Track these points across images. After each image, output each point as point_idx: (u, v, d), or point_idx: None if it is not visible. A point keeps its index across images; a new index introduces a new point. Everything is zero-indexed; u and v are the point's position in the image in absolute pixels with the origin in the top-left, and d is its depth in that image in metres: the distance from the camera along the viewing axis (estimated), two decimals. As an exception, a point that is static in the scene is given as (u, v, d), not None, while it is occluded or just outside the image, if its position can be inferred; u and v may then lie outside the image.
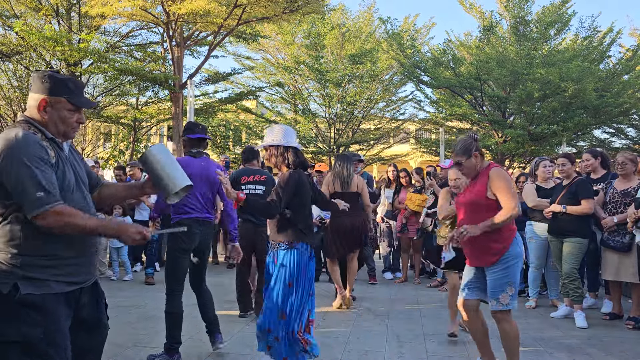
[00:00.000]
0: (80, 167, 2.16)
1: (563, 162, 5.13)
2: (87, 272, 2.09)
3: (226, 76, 16.36)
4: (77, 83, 2.10)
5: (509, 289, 3.20)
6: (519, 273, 3.29)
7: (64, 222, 1.89)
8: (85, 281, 2.08)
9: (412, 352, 3.93)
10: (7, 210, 1.91)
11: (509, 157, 15.97)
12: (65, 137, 2.08)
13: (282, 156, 3.25)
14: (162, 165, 2.24)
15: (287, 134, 3.29)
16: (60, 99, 2.02)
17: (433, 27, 30.66)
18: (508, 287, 3.19)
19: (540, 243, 5.54)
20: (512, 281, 3.21)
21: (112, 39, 15.14)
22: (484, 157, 3.41)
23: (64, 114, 2.04)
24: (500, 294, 3.20)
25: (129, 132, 17.30)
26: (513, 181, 7.21)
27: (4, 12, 13.37)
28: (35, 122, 2.01)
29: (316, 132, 18.18)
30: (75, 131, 2.10)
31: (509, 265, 3.20)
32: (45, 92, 2.02)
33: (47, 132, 2.01)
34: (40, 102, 2.01)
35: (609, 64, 16.40)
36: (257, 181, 4.88)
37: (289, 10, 12.23)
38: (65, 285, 1.97)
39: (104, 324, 2.25)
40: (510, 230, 3.25)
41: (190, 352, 3.81)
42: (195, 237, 3.74)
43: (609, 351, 4.03)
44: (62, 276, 1.95)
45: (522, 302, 5.81)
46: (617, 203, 5.00)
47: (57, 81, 2.02)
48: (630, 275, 4.80)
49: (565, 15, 16.11)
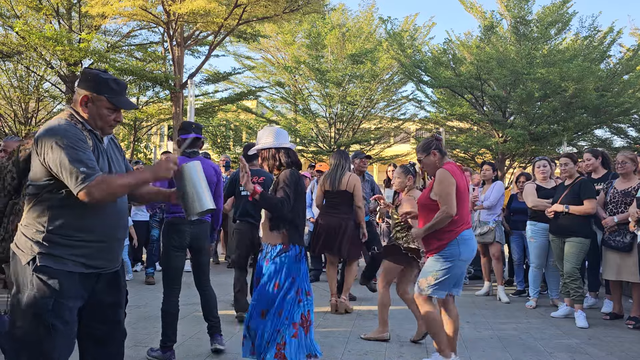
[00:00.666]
0: (118, 160, 2.27)
1: (565, 162, 5.12)
2: (107, 259, 2.15)
3: (226, 76, 16.38)
4: (120, 84, 2.21)
5: (429, 278, 3.33)
6: (451, 271, 3.31)
7: (107, 189, 2.00)
8: (103, 267, 2.15)
9: (412, 352, 3.92)
10: (41, 192, 2.06)
11: (509, 156, 15.96)
12: (103, 132, 2.19)
13: (273, 158, 3.23)
14: (194, 183, 2.30)
15: (278, 135, 3.28)
16: (101, 97, 2.14)
17: (433, 27, 30.64)
18: (429, 276, 3.34)
19: (540, 243, 5.53)
20: (436, 274, 3.32)
21: (112, 38, 15.16)
22: (444, 157, 3.50)
23: (103, 112, 2.15)
24: (421, 277, 3.38)
25: (129, 132, 17.31)
26: (513, 180, 7.20)
27: (5, 12, 13.37)
28: (78, 114, 2.15)
29: (316, 132, 18.18)
30: (112, 128, 2.23)
31: (440, 262, 3.32)
32: (88, 88, 2.14)
33: (86, 124, 2.14)
34: (82, 97, 2.15)
35: (610, 63, 16.38)
36: (254, 183, 4.81)
37: (290, 9, 12.23)
38: (82, 266, 2.06)
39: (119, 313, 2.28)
40: (449, 231, 3.30)
41: (191, 352, 3.81)
42: (185, 235, 3.73)
43: (610, 351, 4.03)
44: (80, 257, 2.05)
45: (522, 302, 5.81)
46: (618, 203, 4.99)
47: (100, 80, 2.14)
48: (632, 274, 4.79)
49: (565, 15, 16.10)
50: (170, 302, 3.68)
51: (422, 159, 3.49)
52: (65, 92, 14.42)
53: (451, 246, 3.29)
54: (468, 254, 3.36)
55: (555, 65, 13.65)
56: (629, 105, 14.52)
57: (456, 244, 3.30)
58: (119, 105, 2.17)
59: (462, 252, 3.31)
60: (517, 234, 6.22)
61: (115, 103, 2.16)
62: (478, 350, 3.99)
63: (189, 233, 3.75)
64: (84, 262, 2.07)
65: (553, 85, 13.58)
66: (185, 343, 3.98)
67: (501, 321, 4.95)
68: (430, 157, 3.45)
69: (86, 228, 2.07)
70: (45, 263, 2.00)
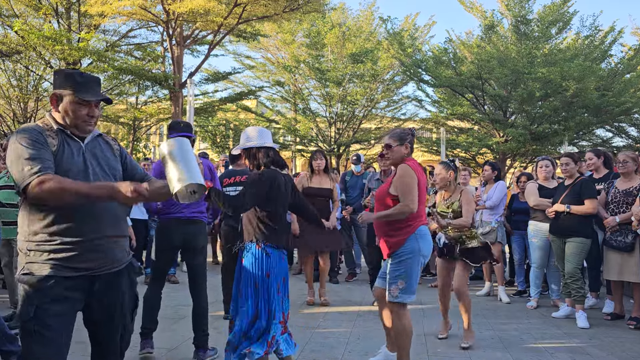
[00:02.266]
0: (107, 159, 2.17)
1: (566, 162, 5.10)
2: (96, 259, 2.05)
3: (226, 75, 16.36)
4: (86, 76, 2.11)
5: (399, 282, 3.25)
6: (414, 268, 3.27)
7: (53, 188, 1.88)
8: (94, 268, 2.05)
9: (413, 352, 3.89)
10: (21, 198, 2.01)
11: (510, 156, 15.93)
12: (80, 129, 2.09)
13: (253, 157, 3.24)
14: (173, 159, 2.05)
15: (260, 134, 3.28)
16: (65, 91, 2.06)
17: (434, 26, 30.60)
18: (399, 280, 3.24)
19: (542, 243, 5.50)
20: (404, 275, 3.25)
21: (111, 38, 15.13)
22: (412, 154, 3.45)
23: (72, 107, 2.06)
24: (391, 285, 3.27)
25: (128, 132, 17.29)
26: (514, 181, 7.17)
27: (4, 11, 13.35)
28: (52, 117, 2.09)
29: (316, 132, 18.15)
30: (88, 124, 2.11)
31: (402, 260, 3.25)
32: (55, 87, 2.09)
33: (57, 124, 2.07)
34: (52, 97, 2.10)
35: (611, 63, 16.34)
36: (237, 182, 4.73)
37: (290, 9, 12.20)
38: (65, 269, 1.98)
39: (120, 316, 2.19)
40: (407, 225, 3.26)
41: (190, 353, 3.78)
42: (173, 237, 3.67)
43: (611, 351, 4.01)
44: (61, 260, 1.97)
45: (523, 302, 5.78)
46: (619, 203, 4.96)
47: (65, 75, 2.08)
48: (634, 275, 4.76)
49: (566, 14, 16.06)
50: (154, 293, 3.69)
51: (393, 146, 3.37)
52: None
53: (410, 241, 3.25)
54: (427, 249, 3.34)
55: (556, 64, 13.62)
56: (630, 104, 14.48)
57: (415, 238, 3.27)
58: (82, 97, 2.05)
59: (422, 247, 3.29)
60: (518, 234, 6.19)
61: (79, 95, 2.05)
62: (479, 351, 3.96)
63: (181, 234, 3.68)
64: (67, 264, 1.99)
65: (554, 85, 13.55)
66: (185, 344, 3.95)
67: (502, 321, 4.93)
68: (402, 148, 3.37)
69: (63, 229, 1.99)
70: (26, 271, 1.97)
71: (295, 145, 19.15)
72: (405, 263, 3.25)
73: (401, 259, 3.25)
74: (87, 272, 2.04)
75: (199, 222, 3.78)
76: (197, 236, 3.76)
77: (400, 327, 3.30)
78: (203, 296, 3.74)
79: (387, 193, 3.34)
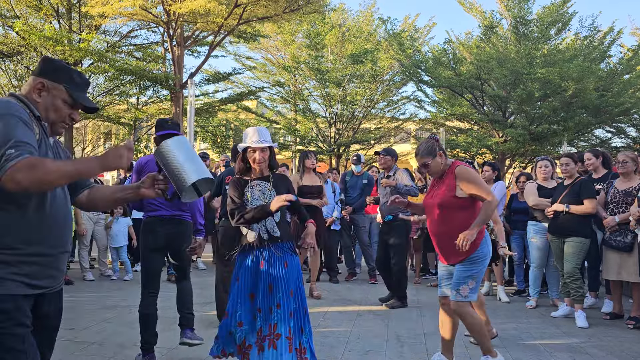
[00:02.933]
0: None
1: (566, 162, 5.12)
2: (54, 276, 1.82)
3: (227, 76, 16.38)
4: (83, 78, 1.96)
5: (470, 282, 3.30)
6: (484, 271, 3.38)
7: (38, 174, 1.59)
8: (49, 286, 1.81)
9: (412, 352, 3.92)
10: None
11: (509, 156, 15.95)
12: (53, 129, 1.89)
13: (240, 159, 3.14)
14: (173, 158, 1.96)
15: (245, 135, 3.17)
16: (59, 86, 1.86)
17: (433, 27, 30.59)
18: (469, 281, 3.30)
19: (541, 243, 5.52)
20: (476, 275, 3.31)
21: (112, 38, 15.17)
22: (447, 156, 3.51)
23: (58, 104, 1.86)
24: (461, 285, 3.30)
25: (129, 132, 17.31)
26: (513, 181, 7.20)
27: (5, 12, 13.37)
28: (26, 100, 1.82)
29: (316, 132, 18.17)
30: (63, 127, 1.92)
31: (476, 262, 3.30)
32: (46, 75, 1.86)
33: (35, 111, 1.81)
34: (37, 83, 1.85)
35: (610, 63, 16.36)
36: None
37: (290, 9, 12.23)
38: (25, 287, 1.71)
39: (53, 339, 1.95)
40: (480, 231, 3.29)
41: (187, 356, 3.80)
42: (159, 236, 3.60)
43: (610, 351, 4.02)
44: (22, 276, 1.70)
45: (522, 302, 5.80)
46: (619, 203, 4.98)
47: (62, 68, 1.89)
48: (633, 274, 4.79)
49: (565, 15, 16.09)
50: (147, 302, 3.53)
51: (429, 162, 3.39)
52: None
53: (482, 245, 3.30)
54: (491, 251, 3.43)
55: (555, 65, 13.64)
56: (629, 105, 14.52)
57: (485, 242, 3.33)
58: (77, 99, 1.87)
59: (489, 250, 3.36)
60: (518, 233, 6.21)
61: (74, 96, 1.87)
62: (478, 350, 3.98)
63: (164, 234, 3.60)
64: (28, 281, 1.71)
65: (553, 85, 13.58)
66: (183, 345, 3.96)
67: (501, 321, 4.94)
68: (437, 159, 3.39)
69: (25, 236, 1.71)
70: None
71: (295, 145, 19.17)
72: (476, 265, 3.30)
73: (475, 261, 3.29)
74: (41, 291, 1.78)
75: (183, 222, 3.72)
76: (182, 237, 3.71)
77: (475, 321, 3.34)
78: (187, 283, 3.79)
79: (453, 198, 3.28)
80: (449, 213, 3.31)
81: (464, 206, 3.29)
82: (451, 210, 3.31)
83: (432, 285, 6.78)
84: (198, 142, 21.85)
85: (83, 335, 4.17)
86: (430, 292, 6.39)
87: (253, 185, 3.09)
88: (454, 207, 3.30)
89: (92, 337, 4.13)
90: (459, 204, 3.29)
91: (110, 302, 5.50)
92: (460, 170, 3.31)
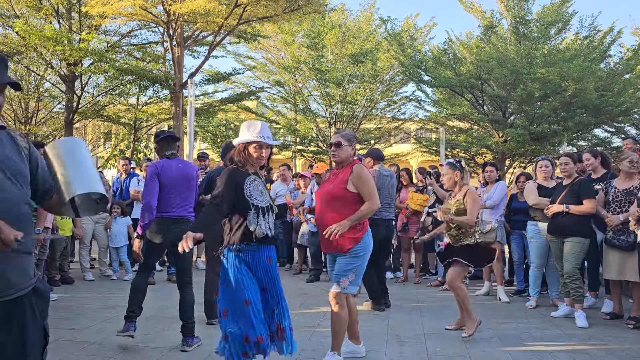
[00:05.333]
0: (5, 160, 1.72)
1: (566, 162, 5.12)
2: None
3: (227, 76, 16.38)
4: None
5: (350, 275, 3.42)
6: (364, 265, 3.48)
7: None
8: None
9: (412, 352, 3.92)
10: None
11: (509, 156, 15.94)
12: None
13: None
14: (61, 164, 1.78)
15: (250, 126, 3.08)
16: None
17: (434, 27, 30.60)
18: (350, 274, 3.42)
19: (541, 242, 5.53)
20: (357, 268, 3.43)
21: (112, 38, 15.16)
22: (355, 154, 3.64)
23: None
24: (341, 277, 3.42)
25: (129, 132, 17.31)
26: (513, 180, 7.20)
27: (5, 12, 13.37)
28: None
29: (316, 132, 18.17)
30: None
31: (357, 256, 3.42)
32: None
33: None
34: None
35: (610, 63, 16.35)
36: None
37: (290, 9, 12.23)
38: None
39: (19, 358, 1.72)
40: (363, 224, 3.47)
41: (187, 354, 3.80)
42: (167, 236, 3.87)
43: (610, 351, 4.02)
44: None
45: (522, 302, 5.81)
46: (621, 202, 4.98)
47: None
48: (634, 274, 4.78)
49: (565, 15, 16.09)
50: (139, 277, 3.96)
51: (341, 143, 3.52)
52: (65, 92, 14.43)
53: (364, 239, 3.45)
54: (372, 245, 3.55)
55: (555, 65, 13.64)
56: (629, 105, 14.51)
57: (367, 236, 3.48)
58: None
59: (369, 244, 3.50)
60: (518, 233, 6.21)
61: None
62: (478, 350, 3.98)
63: (172, 233, 3.84)
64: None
65: (553, 85, 13.57)
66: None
67: (501, 321, 4.95)
68: (349, 148, 3.54)
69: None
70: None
71: (295, 145, 19.18)
72: (358, 258, 3.43)
73: (357, 254, 3.42)
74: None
75: (188, 220, 3.96)
76: None
77: (341, 317, 3.44)
78: (190, 290, 3.98)
79: (343, 190, 3.43)
80: (336, 203, 3.45)
81: (354, 200, 3.42)
82: (339, 200, 3.45)
83: (432, 285, 6.78)
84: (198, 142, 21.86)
85: (83, 335, 4.17)
86: (430, 292, 6.39)
87: (252, 180, 3.01)
88: (343, 198, 3.44)
89: (92, 337, 4.14)
90: (347, 197, 3.43)
91: (110, 302, 5.51)
92: (357, 167, 3.47)
